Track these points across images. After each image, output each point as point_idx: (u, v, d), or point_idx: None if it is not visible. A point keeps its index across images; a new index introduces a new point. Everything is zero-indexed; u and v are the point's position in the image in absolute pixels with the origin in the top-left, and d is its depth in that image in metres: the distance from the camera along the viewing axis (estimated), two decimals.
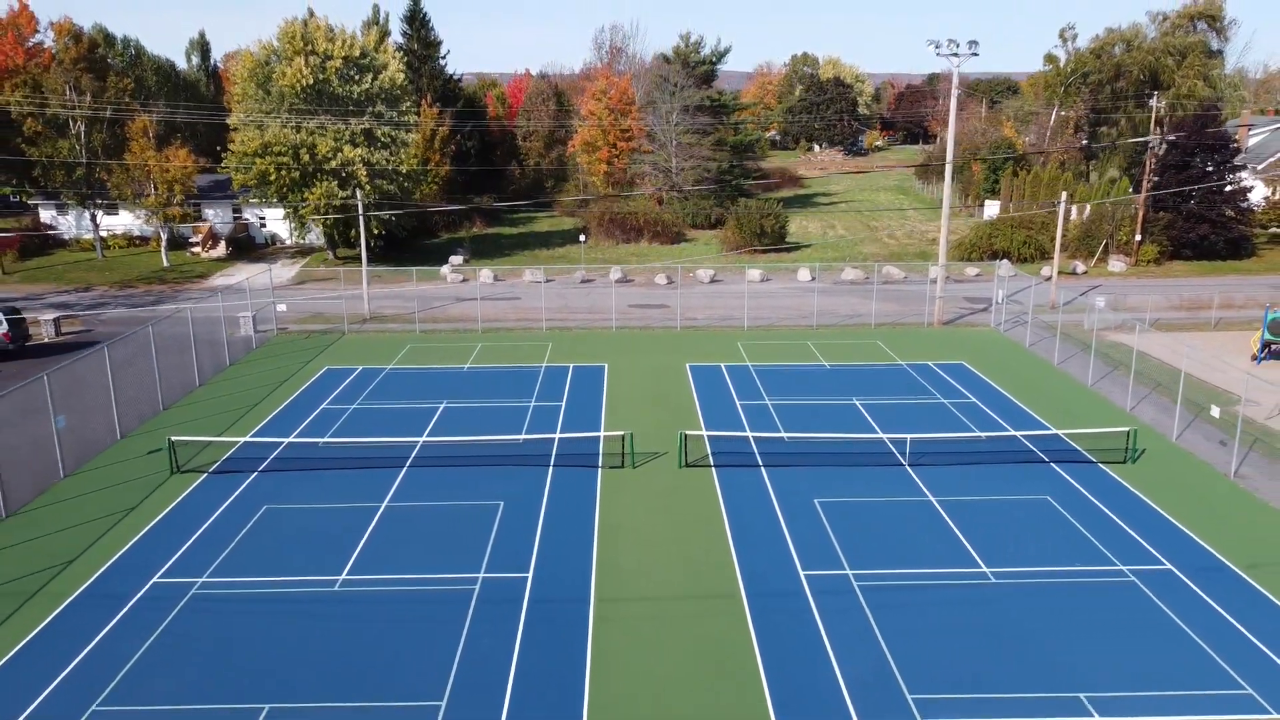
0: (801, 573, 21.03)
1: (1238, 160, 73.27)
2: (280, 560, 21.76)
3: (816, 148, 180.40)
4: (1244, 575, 20.85)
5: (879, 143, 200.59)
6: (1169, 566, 21.26)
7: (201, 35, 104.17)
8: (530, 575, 20.97)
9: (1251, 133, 78.73)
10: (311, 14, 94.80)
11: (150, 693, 16.87)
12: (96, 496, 25.44)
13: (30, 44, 72.36)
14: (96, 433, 29.45)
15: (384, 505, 24.72)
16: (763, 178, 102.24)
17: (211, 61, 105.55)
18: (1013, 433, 29.45)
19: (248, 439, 29.35)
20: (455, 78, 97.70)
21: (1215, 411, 27.76)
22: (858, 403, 32.97)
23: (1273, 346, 37.64)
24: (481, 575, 21.01)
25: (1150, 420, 30.90)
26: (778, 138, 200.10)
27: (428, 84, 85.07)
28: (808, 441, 28.79)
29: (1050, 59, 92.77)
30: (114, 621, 19.29)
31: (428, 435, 29.47)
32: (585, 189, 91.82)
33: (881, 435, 29.20)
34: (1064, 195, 49.38)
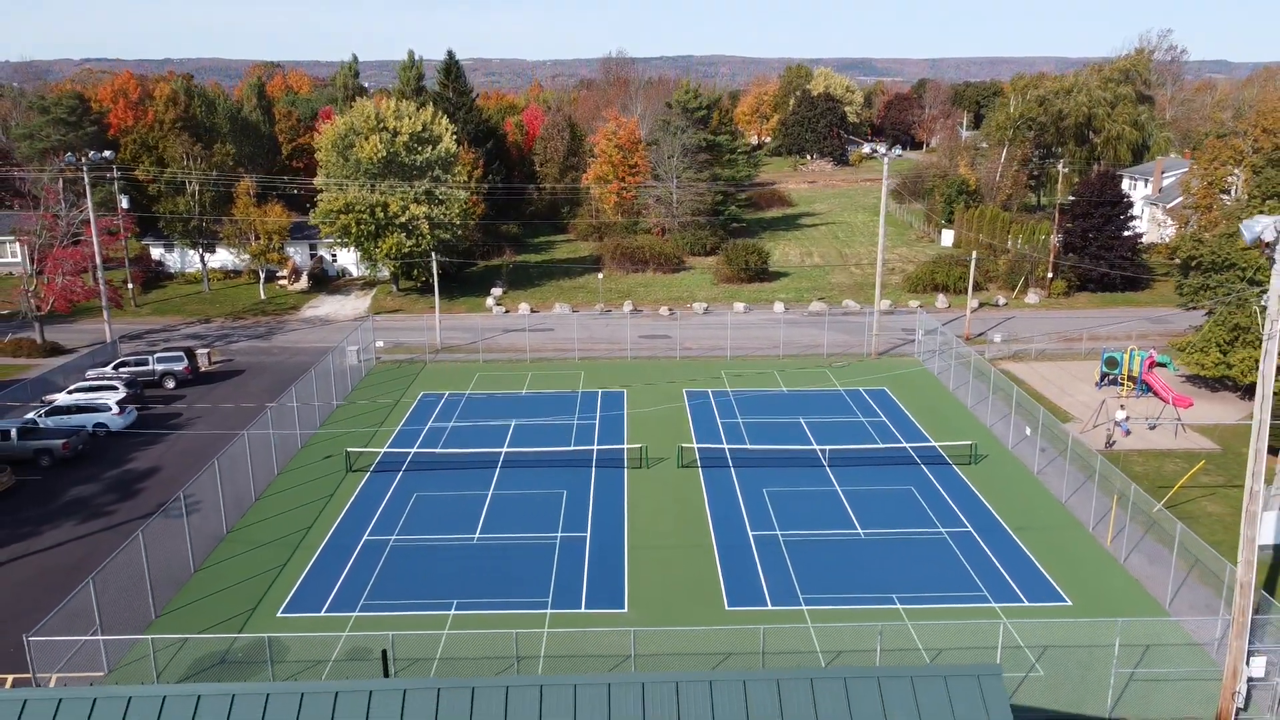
0: (750, 532, 35.31)
1: (1156, 199, 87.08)
2: (436, 526, 36.05)
3: (809, 158, 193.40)
4: (1011, 533, 35.13)
5: (866, 150, 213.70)
6: (969, 529, 35.54)
7: (259, 80, 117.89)
8: (588, 534, 35.27)
9: (1165, 174, 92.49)
10: (356, 59, 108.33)
11: (389, 595, 31.17)
12: (304, 487, 39.76)
13: (135, 104, 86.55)
14: (290, 443, 43.74)
15: (490, 493, 39.01)
16: (752, 204, 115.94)
17: (265, 99, 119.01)
18: (902, 444, 43.72)
19: (386, 449, 43.59)
20: (486, 118, 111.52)
21: (1026, 430, 42.00)
22: (802, 421, 47.23)
23: (1108, 376, 51.81)
24: (559, 534, 35.30)
25: (999, 433, 45.13)
26: (771, 143, 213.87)
27: (462, 128, 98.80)
28: (764, 450, 43.01)
29: (1001, 105, 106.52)
30: (351, 560, 33.59)
31: (508, 446, 43.74)
32: (597, 215, 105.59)
33: (814, 446, 43.46)
34: (974, 255, 63.36)
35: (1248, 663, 24.66)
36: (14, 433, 41.93)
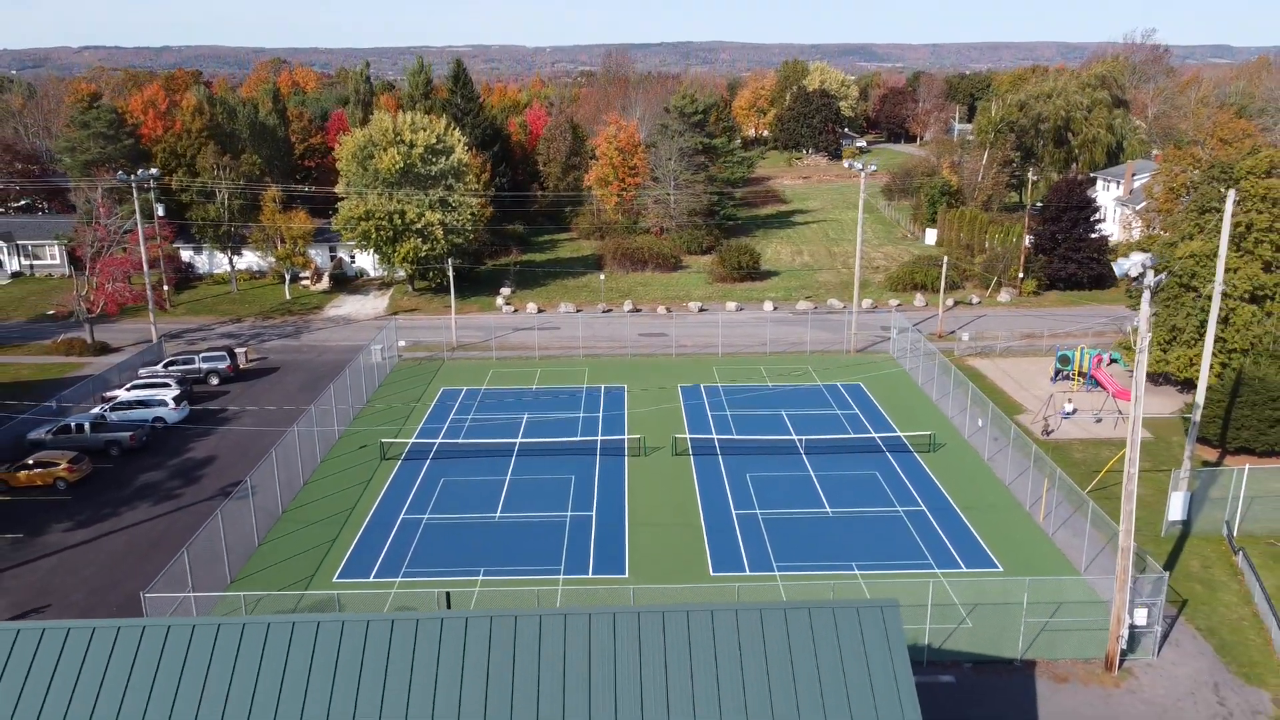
0: (733, 511, 40.98)
1: (1126, 200, 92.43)
2: (463, 506, 41.71)
3: (805, 153, 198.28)
4: (959, 511, 40.78)
5: (860, 144, 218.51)
6: (922, 508, 41.19)
7: (274, 85, 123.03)
8: (594, 513, 40.93)
9: (1136, 176, 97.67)
10: (367, 65, 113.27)
11: (426, 564, 36.84)
12: (345, 473, 45.43)
13: (164, 114, 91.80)
14: (329, 435, 49.39)
15: (508, 478, 44.67)
16: (746, 203, 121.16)
17: (281, 103, 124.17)
18: (871, 434, 49.33)
19: (415, 440, 49.23)
20: (490, 118, 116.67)
21: (980, 422, 47.61)
22: (784, 413, 52.85)
23: (1061, 373, 57.37)
24: (569, 513, 40.97)
25: (958, 424, 50.73)
26: (770, 136, 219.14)
27: (470, 133, 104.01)
28: (748, 440, 48.62)
29: (983, 109, 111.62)
30: (391, 535, 39.27)
31: (522, 437, 49.37)
32: (599, 214, 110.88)
33: (793, 436, 49.08)
34: (945, 258, 68.68)
35: (1131, 613, 30.32)
36: (87, 426, 47.60)
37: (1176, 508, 39.05)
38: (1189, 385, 54.60)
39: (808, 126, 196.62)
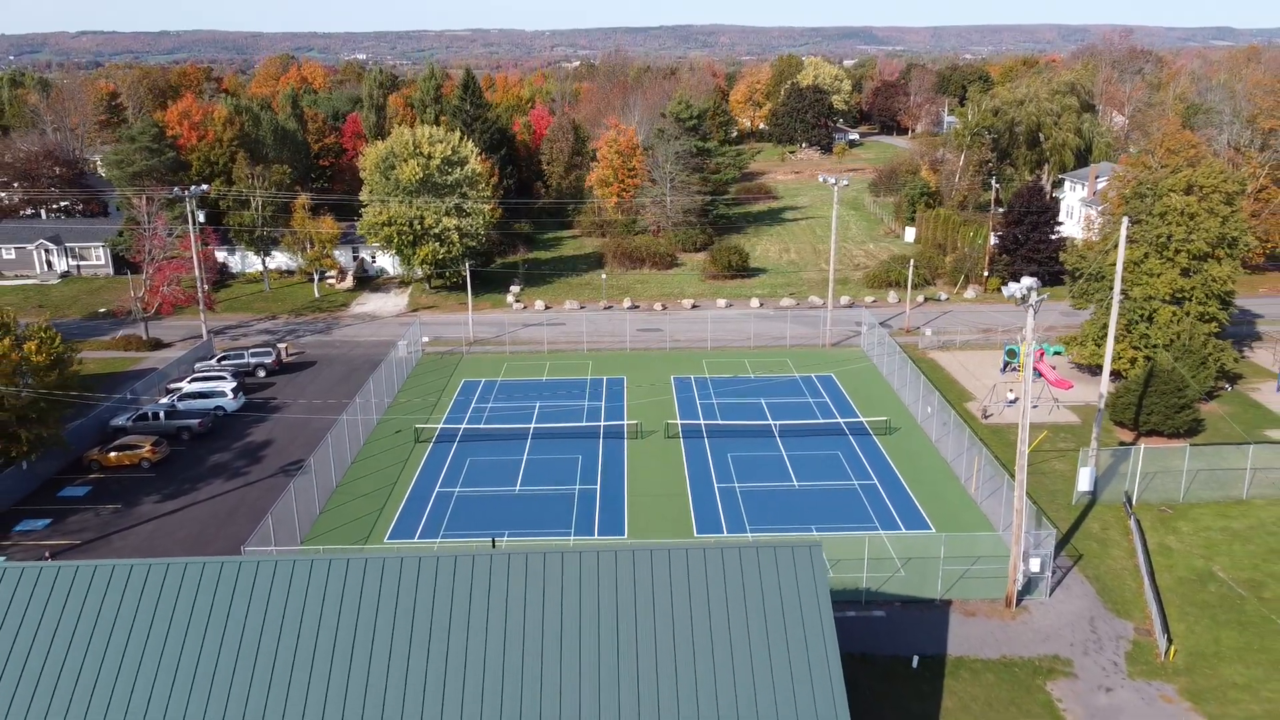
0: (715, 484, 48.74)
1: (1090, 201, 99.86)
2: (487, 481, 49.47)
3: (799, 147, 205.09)
4: (905, 484, 48.52)
5: (852, 137, 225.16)
6: (875, 482, 48.95)
7: (293, 90, 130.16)
8: (599, 486, 48.69)
9: (1100, 179, 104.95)
10: (379, 70, 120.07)
11: (459, 528, 44.61)
12: (385, 454, 53.19)
13: (197, 125, 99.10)
14: (369, 422, 57.13)
15: (524, 457, 52.43)
16: (736, 203, 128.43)
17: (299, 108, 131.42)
18: (836, 419, 57.05)
19: (443, 425, 56.94)
20: (495, 117, 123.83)
21: (928, 409, 55.39)
22: (763, 401, 60.55)
23: (1009, 364, 65.01)
24: (577, 487, 48.73)
25: (914, 410, 58.41)
26: (766, 129, 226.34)
27: (478, 138, 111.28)
28: (730, 425, 56.32)
29: (960, 114, 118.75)
30: (429, 505, 47.04)
31: (536, 423, 57.08)
32: (599, 213, 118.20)
33: (769, 421, 56.79)
34: (911, 261, 76.14)
35: (1027, 562, 38.08)
36: (162, 414, 55.34)
37: (1084, 480, 46.75)
38: (1118, 376, 62.25)
39: (801, 121, 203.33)
